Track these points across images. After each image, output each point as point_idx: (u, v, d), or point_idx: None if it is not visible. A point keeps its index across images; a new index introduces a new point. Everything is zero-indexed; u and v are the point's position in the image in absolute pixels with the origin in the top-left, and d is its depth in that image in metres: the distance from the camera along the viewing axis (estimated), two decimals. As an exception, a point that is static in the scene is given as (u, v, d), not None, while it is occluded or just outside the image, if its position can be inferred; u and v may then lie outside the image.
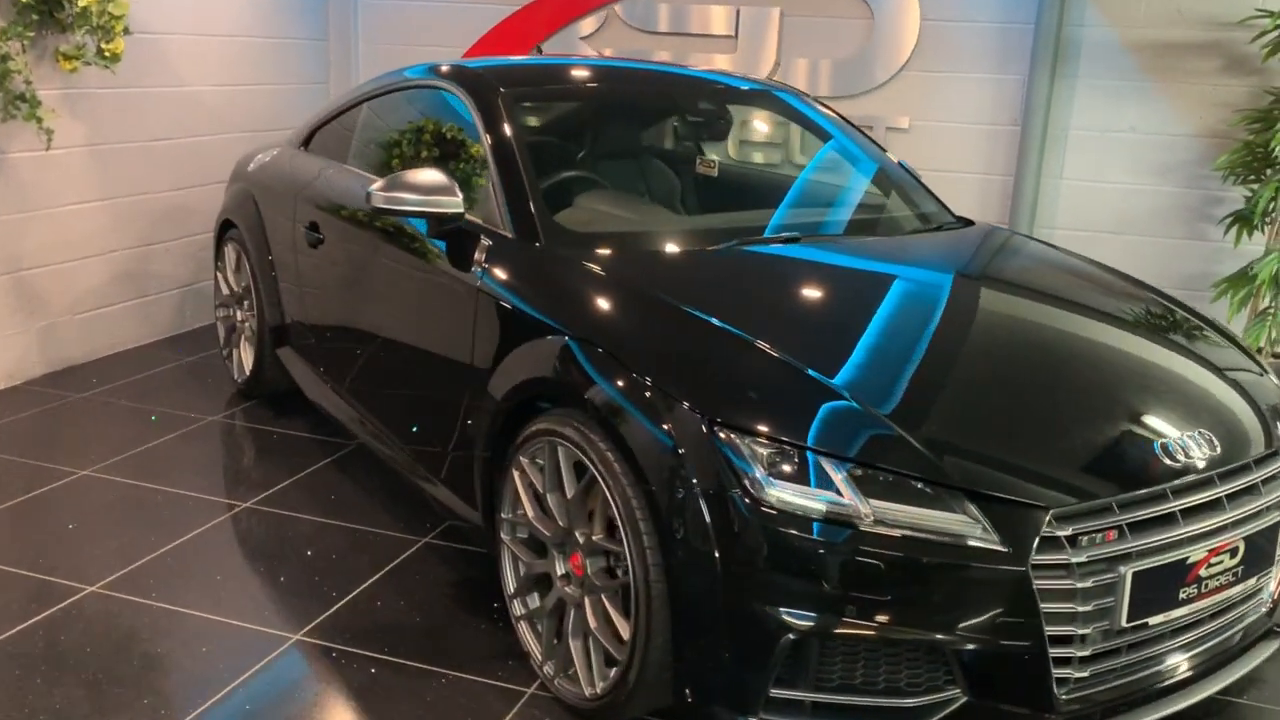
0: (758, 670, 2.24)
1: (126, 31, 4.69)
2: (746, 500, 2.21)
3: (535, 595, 2.83)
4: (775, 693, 2.26)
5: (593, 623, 2.57)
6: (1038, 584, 2.17)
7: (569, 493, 2.59)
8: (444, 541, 3.53)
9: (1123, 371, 2.71)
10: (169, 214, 5.60)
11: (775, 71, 5.92)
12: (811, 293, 2.96)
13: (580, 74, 3.85)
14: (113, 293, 5.34)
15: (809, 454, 2.23)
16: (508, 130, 3.26)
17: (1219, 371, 2.75)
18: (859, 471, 2.21)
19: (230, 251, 4.74)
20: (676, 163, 3.85)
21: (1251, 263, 4.99)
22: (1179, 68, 5.40)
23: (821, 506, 2.20)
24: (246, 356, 4.70)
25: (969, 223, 3.63)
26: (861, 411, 2.31)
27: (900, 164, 3.88)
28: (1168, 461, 2.35)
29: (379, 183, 3.13)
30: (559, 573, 2.71)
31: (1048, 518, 2.19)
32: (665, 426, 2.35)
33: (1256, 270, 4.84)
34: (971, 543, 2.18)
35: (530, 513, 2.76)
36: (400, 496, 3.82)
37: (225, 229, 4.80)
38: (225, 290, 4.88)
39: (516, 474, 2.78)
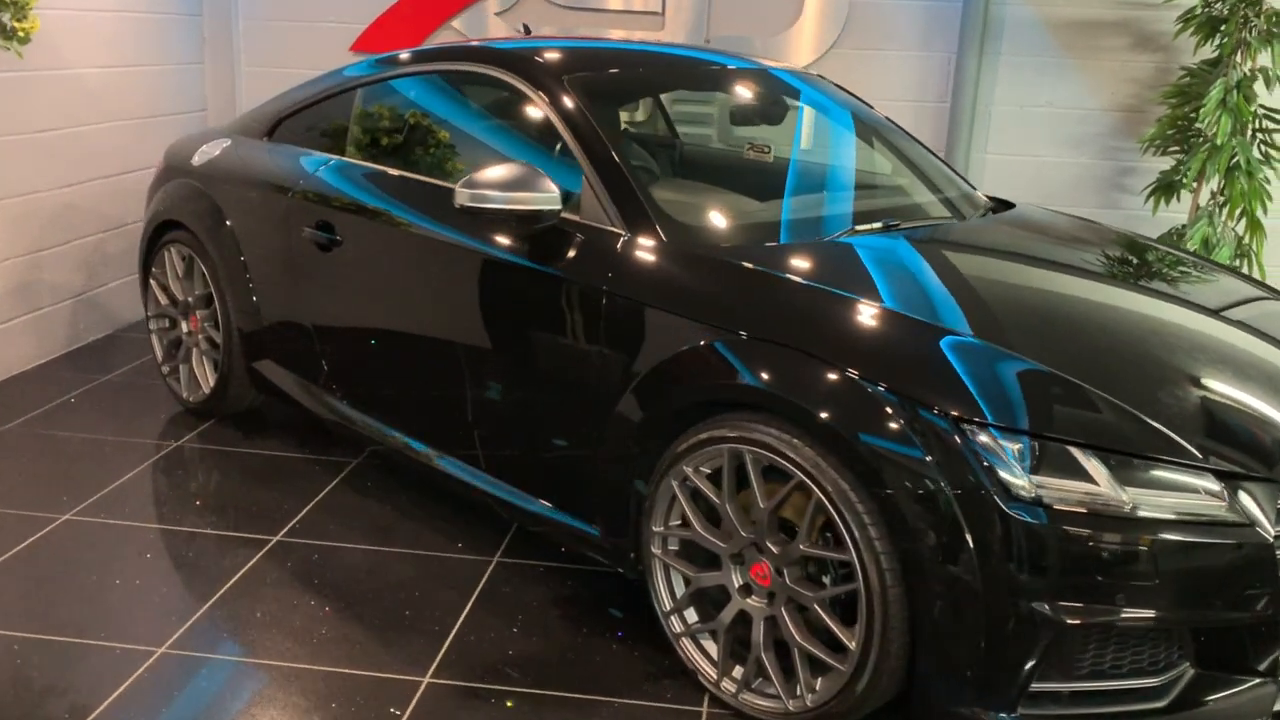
0: (1019, 667, 2.19)
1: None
2: (1002, 497, 2.15)
3: (692, 610, 2.67)
4: (1036, 687, 2.21)
5: (795, 633, 2.44)
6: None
7: (762, 502, 2.44)
8: (518, 559, 3.29)
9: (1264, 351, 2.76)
10: (59, 215, 4.98)
11: (705, 50, 5.83)
12: (972, 279, 2.87)
13: (629, 58, 3.62)
14: (4, 309, 4.70)
15: (1061, 445, 2.18)
16: (592, 120, 3.04)
17: None
18: (1112, 460, 2.18)
19: (173, 257, 4.25)
20: (735, 150, 3.69)
21: (1175, 229, 5.31)
22: (1092, 45, 5.67)
23: (1080, 497, 2.16)
24: (203, 372, 4.23)
25: (1009, 204, 3.67)
26: (1100, 397, 2.28)
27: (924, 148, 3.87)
28: None
29: (465, 181, 2.86)
30: (736, 584, 2.56)
31: None
32: (895, 426, 2.24)
33: (1190, 235, 5.14)
34: (1226, 521, 2.19)
35: (697, 524, 2.59)
36: (439, 513, 3.54)
37: (162, 231, 4.30)
38: (163, 300, 4.38)
39: (676, 484, 2.61)
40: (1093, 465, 2.17)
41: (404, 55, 3.68)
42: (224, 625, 2.89)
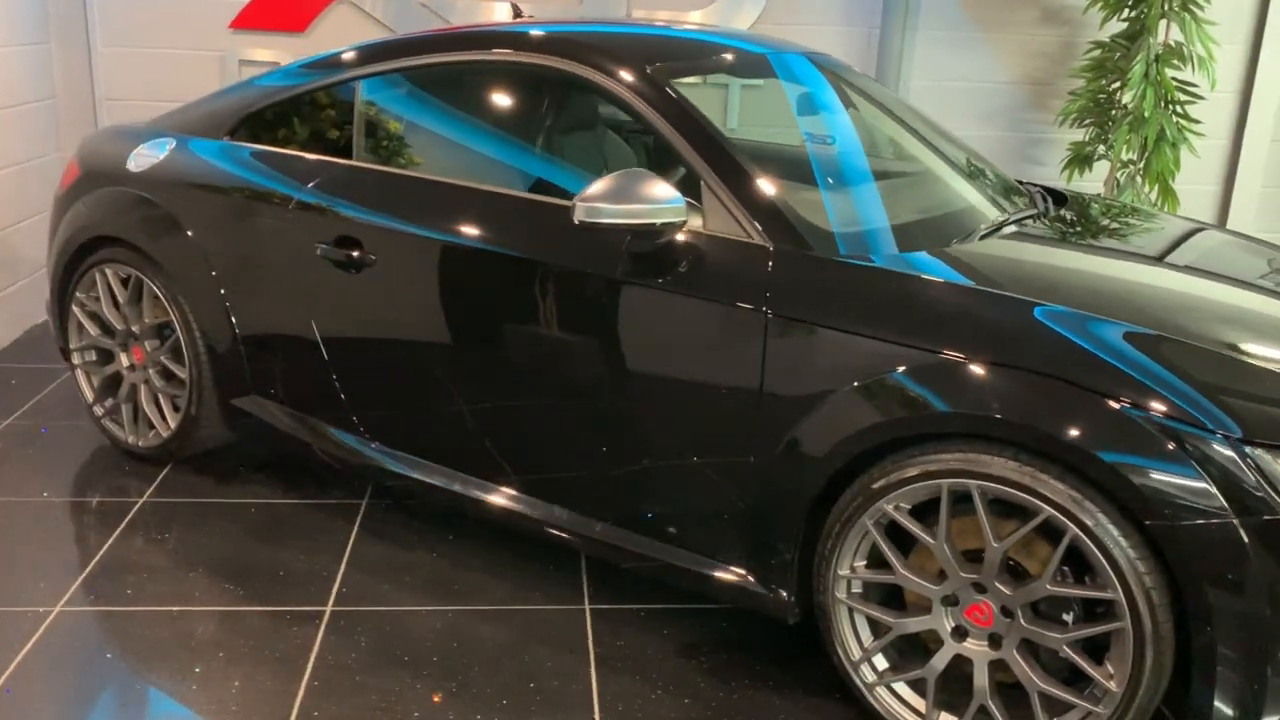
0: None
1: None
2: None
3: (880, 657, 2.48)
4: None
5: (1034, 676, 2.29)
6: None
7: (996, 541, 2.26)
8: (608, 605, 2.99)
9: None
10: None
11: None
12: (1145, 282, 2.73)
13: (687, 46, 3.29)
14: None
15: None
16: (703, 121, 2.74)
17: None
18: None
19: (108, 279, 3.62)
20: (795, 145, 3.41)
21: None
22: (1002, 19, 5.75)
23: (1351, 513, 2.09)
24: (157, 412, 3.64)
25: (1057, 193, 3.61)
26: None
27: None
28: None
29: (583, 194, 2.53)
30: (949, 628, 2.38)
31: None
32: (1165, 451, 2.10)
33: (1114, 204, 5.31)
34: None
35: (900, 566, 2.39)
36: (496, 560, 3.19)
37: (87, 250, 3.66)
38: (93, 331, 3.74)
39: (870, 523, 2.39)
40: None
41: (421, 41, 3.21)
42: (334, 728, 2.46)
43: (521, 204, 2.91)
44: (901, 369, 2.33)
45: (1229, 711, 2.14)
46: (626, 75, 2.83)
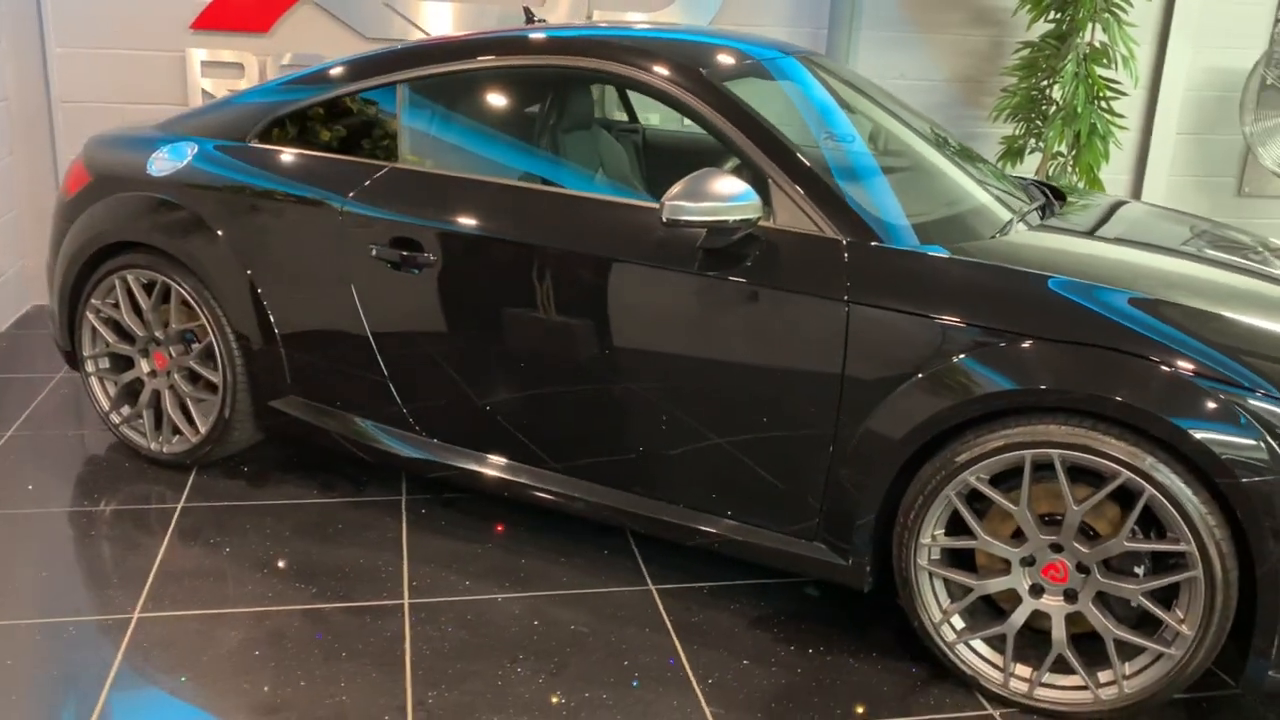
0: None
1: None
2: None
3: (959, 617, 2.70)
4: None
5: (1109, 625, 2.53)
6: None
7: (1075, 504, 2.49)
8: (673, 585, 3.13)
9: None
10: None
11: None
12: (1165, 266, 2.97)
13: (733, 52, 3.42)
14: None
15: None
16: (762, 120, 2.90)
17: None
18: None
19: (129, 284, 3.59)
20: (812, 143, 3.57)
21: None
22: (937, 19, 6.07)
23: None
24: (183, 417, 3.62)
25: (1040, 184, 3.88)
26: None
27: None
28: None
29: (669, 194, 2.68)
30: (1026, 586, 2.61)
31: None
32: (1229, 415, 2.35)
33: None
34: None
35: (983, 531, 2.60)
36: (552, 546, 3.31)
37: (104, 255, 3.62)
38: (110, 338, 3.69)
39: (954, 494, 2.60)
40: None
41: (462, 45, 3.28)
42: (454, 714, 2.54)
43: (589, 204, 3.02)
44: (978, 350, 2.55)
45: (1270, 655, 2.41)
46: (687, 80, 2.97)
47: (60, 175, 5.29)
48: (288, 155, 3.40)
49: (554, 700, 2.62)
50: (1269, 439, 2.34)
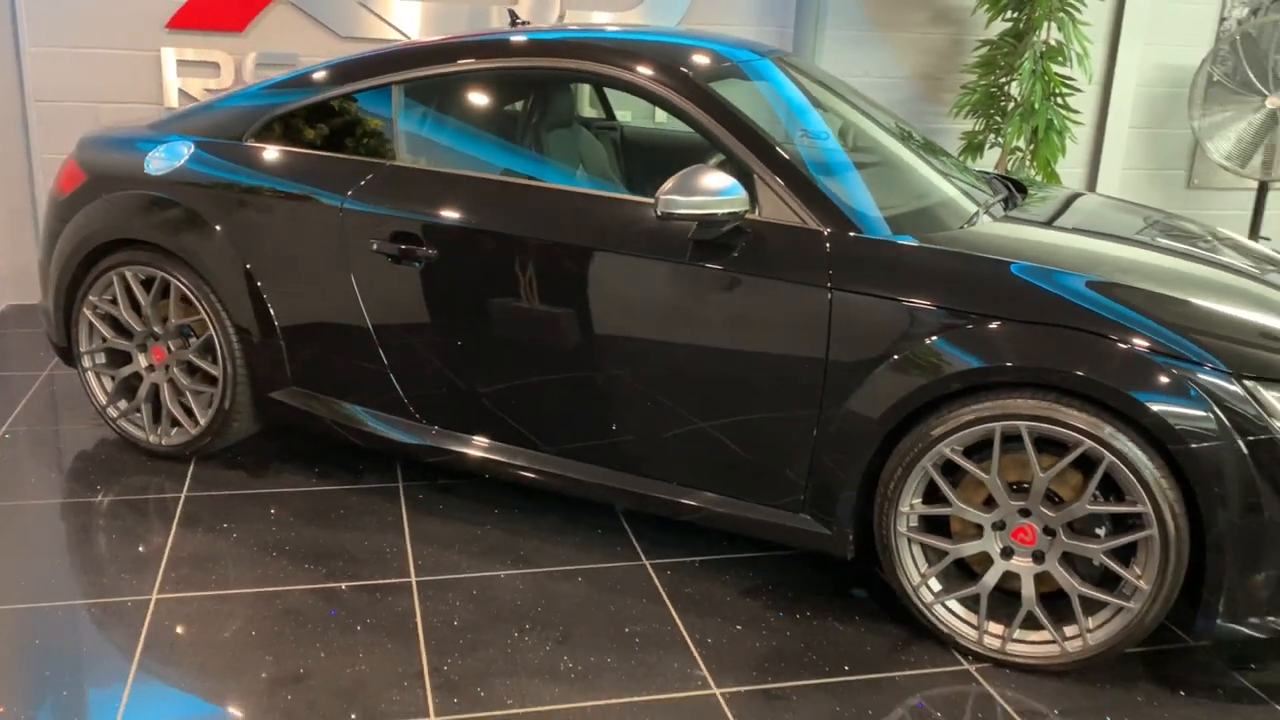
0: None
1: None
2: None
3: (935, 579, 2.89)
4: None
5: (1074, 583, 2.73)
6: None
7: (1042, 471, 2.69)
8: (665, 559, 3.31)
9: None
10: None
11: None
12: (1129, 254, 3.16)
13: (713, 53, 3.58)
14: None
15: None
16: (746, 119, 3.08)
17: None
18: None
19: (127, 281, 3.70)
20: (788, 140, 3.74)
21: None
22: (898, 19, 6.29)
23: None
24: (182, 410, 3.74)
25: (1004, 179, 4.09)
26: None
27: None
28: None
29: (662, 189, 2.85)
30: (998, 549, 2.81)
31: None
32: (1181, 387, 2.55)
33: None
34: None
35: (956, 499, 2.80)
36: (545, 525, 3.47)
37: (102, 253, 3.73)
38: (108, 333, 3.81)
39: (930, 465, 2.79)
40: None
41: (461, 46, 3.42)
42: (469, 679, 2.70)
43: (582, 199, 3.18)
44: (948, 331, 2.74)
45: (1234, 602, 2.63)
46: (674, 80, 3.14)
47: (34, 174, 5.37)
48: (287, 154, 3.53)
49: (562, 665, 2.78)
50: (1216, 409, 2.55)
